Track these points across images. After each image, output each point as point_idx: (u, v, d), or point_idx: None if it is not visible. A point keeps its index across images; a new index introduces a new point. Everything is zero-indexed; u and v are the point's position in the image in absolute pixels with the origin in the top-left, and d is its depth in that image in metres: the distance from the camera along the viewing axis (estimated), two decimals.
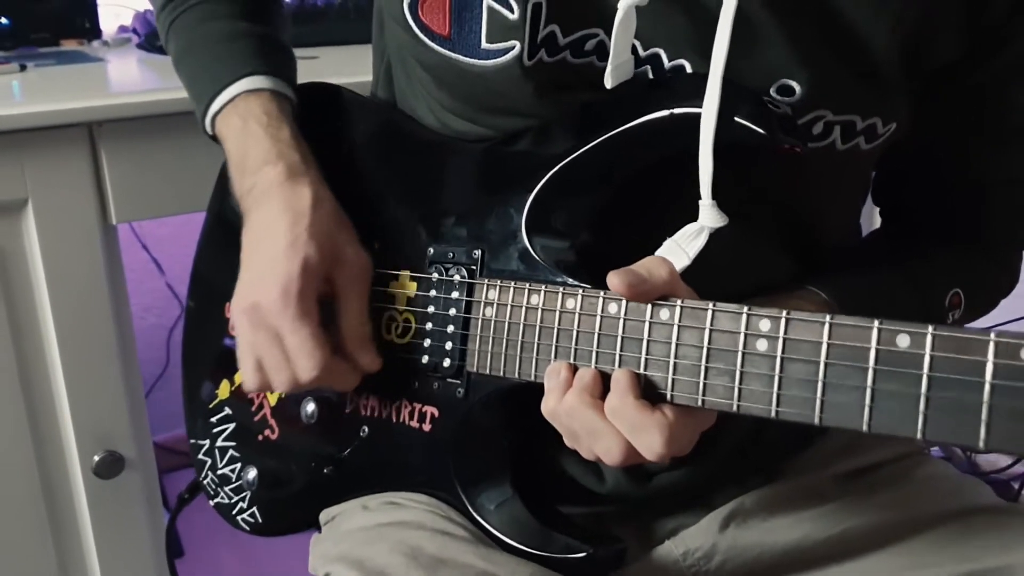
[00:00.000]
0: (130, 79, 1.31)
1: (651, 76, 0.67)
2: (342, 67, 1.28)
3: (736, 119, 0.61)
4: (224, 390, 0.89)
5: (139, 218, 1.18)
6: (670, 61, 0.66)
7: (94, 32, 1.49)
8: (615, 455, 0.59)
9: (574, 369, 0.62)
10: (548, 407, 0.62)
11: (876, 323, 0.53)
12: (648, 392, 0.60)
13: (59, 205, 1.09)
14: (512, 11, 0.65)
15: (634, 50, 0.66)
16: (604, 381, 0.61)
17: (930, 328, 0.52)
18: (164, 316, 1.95)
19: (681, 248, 0.63)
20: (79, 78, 1.25)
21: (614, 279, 0.59)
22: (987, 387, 0.49)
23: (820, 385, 0.55)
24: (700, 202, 0.62)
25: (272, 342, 0.71)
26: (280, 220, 0.73)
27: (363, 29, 0.91)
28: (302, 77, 0.86)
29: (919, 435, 0.52)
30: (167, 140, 1.12)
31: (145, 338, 1.48)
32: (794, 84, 0.63)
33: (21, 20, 1.42)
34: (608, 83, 0.65)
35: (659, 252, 0.63)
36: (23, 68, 1.25)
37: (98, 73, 1.29)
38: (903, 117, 0.68)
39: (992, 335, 0.50)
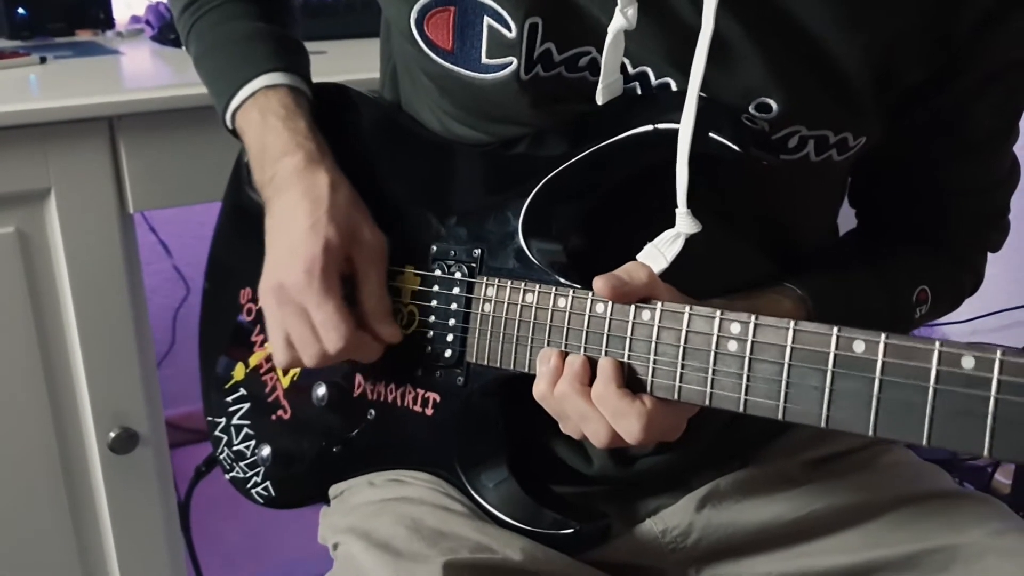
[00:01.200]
0: (146, 73, 1.36)
1: (639, 92, 0.72)
2: (350, 61, 1.32)
3: (711, 135, 0.66)
4: (239, 372, 0.95)
5: (155, 207, 1.23)
6: (657, 79, 0.71)
7: (108, 22, 1.53)
8: (601, 437, 0.65)
9: (563, 356, 0.68)
10: (539, 391, 0.68)
11: (835, 329, 0.59)
12: (631, 382, 0.66)
13: (80, 194, 1.14)
14: (510, 30, 0.70)
15: (624, 68, 0.71)
16: (592, 368, 0.67)
17: (883, 336, 0.58)
18: (171, 297, 2.00)
19: (660, 252, 0.69)
20: (97, 72, 1.29)
21: (599, 283, 0.65)
22: (931, 391, 0.55)
23: (784, 384, 0.61)
24: (677, 210, 0.68)
25: (300, 318, 0.77)
26: (300, 205, 0.78)
27: (370, 23, 0.94)
28: (314, 72, 0.91)
29: (871, 432, 0.58)
30: (183, 133, 1.16)
31: (152, 318, 1.53)
32: (771, 102, 0.68)
33: (38, 10, 1.46)
34: (599, 100, 0.70)
35: (640, 256, 0.69)
36: (43, 60, 1.30)
37: (115, 67, 1.34)
38: (873, 132, 0.73)
39: (937, 344, 0.56)
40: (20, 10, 1.45)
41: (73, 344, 1.18)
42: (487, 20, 0.71)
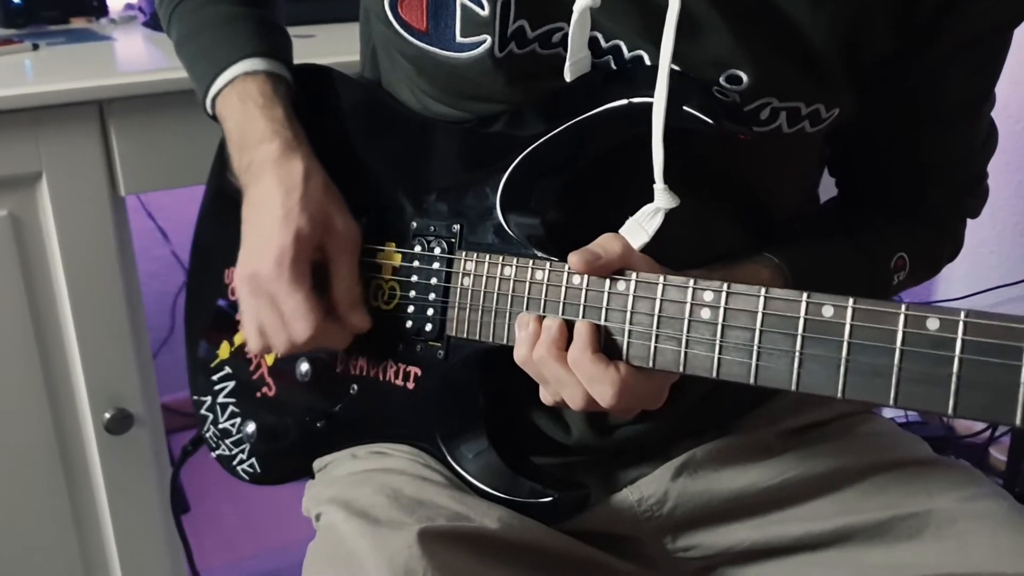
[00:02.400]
0: (137, 58, 1.36)
1: (613, 67, 0.73)
2: (337, 45, 1.32)
3: (684, 108, 0.67)
4: (224, 350, 0.96)
5: (146, 190, 1.25)
6: (629, 52, 0.71)
7: (102, 10, 1.54)
8: (577, 401, 0.67)
9: (541, 320, 0.69)
10: (520, 355, 0.69)
11: (804, 295, 0.60)
12: (607, 349, 0.67)
13: (71, 178, 1.15)
14: (483, 8, 0.71)
15: (597, 43, 0.71)
16: (570, 332, 0.68)
17: (850, 301, 0.58)
18: (169, 282, 2.02)
19: (641, 227, 0.69)
20: (89, 57, 1.30)
21: (573, 258, 0.66)
22: (897, 352, 0.56)
23: (755, 350, 0.62)
24: (654, 186, 0.68)
25: (270, 307, 0.78)
26: (274, 194, 0.79)
27: (357, 7, 0.93)
28: (299, 55, 0.91)
29: (839, 394, 0.59)
30: (172, 117, 1.17)
31: (150, 303, 1.54)
32: (742, 74, 0.69)
33: None
34: (568, 76, 0.71)
35: (621, 231, 0.69)
36: (36, 47, 1.31)
37: (106, 52, 1.34)
38: (845, 103, 0.74)
39: (903, 307, 0.57)
40: None
41: (67, 326, 1.19)
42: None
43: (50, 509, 1.25)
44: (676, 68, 0.67)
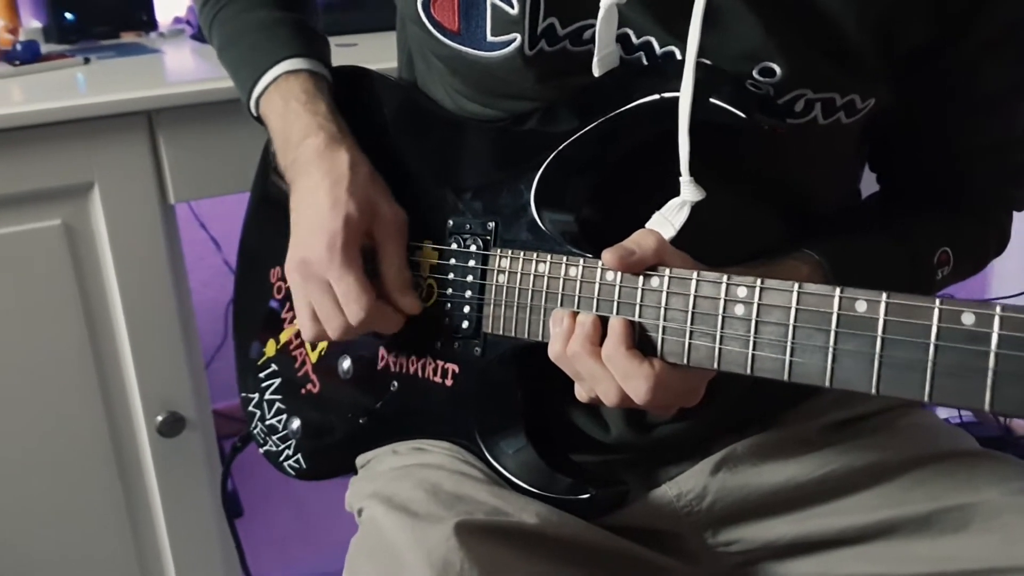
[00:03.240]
0: (184, 69, 1.40)
1: (645, 62, 0.73)
2: (379, 52, 1.34)
3: (712, 100, 0.67)
4: (271, 348, 0.98)
5: (195, 198, 1.27)
6: (661, 48, 0.71)
7: (151, 24, 1.58)
8: (611, 397, 0.66)
9: (575, 317, 0.69)
10: (554, 351, 0.69)
11: (838, 290, 0.60)
12: (642, 345, 0.67)
13: (122, 187, 1.18)
14: (512, 7, 0.71)
15: (628, 39, 0.72)
16: (603, 327, 0.68)
17: (884, 295, 0.58)
18: (222, 291, 2.04)
19: (668, 220, 0.69)
20: (138, 69, 1.34)
21: (607, 255, 0.66)
22: (931, 348, 0.55)
23: (789, 345, 0.61)
24: (680, 178, 0.68)
25: (323, 292, 0.79)
26: (322, 184, 0.80)
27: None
28: (342, 63, 0.93)
29: (873, 390, 0.58)
30: (219, 125, 1.20)
31: (204, 312, 1.57)
32: (774, 66, 0.68)
33: (84, 15, 1.51)
34: (595, 71, 0.71)
35: (648, 225, 0.69)
36: (87, 61, 1.35)
37: (155, 64, 1.38)
38: (881, 93, 0.73)
39: (938, 301, 0.56)
40: (67, 15, 1.50)
41: (120, 331, 1.23)
42: None
43: (105, 512, 1.29)
44: (707, 62, 0.67)
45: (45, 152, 1.13)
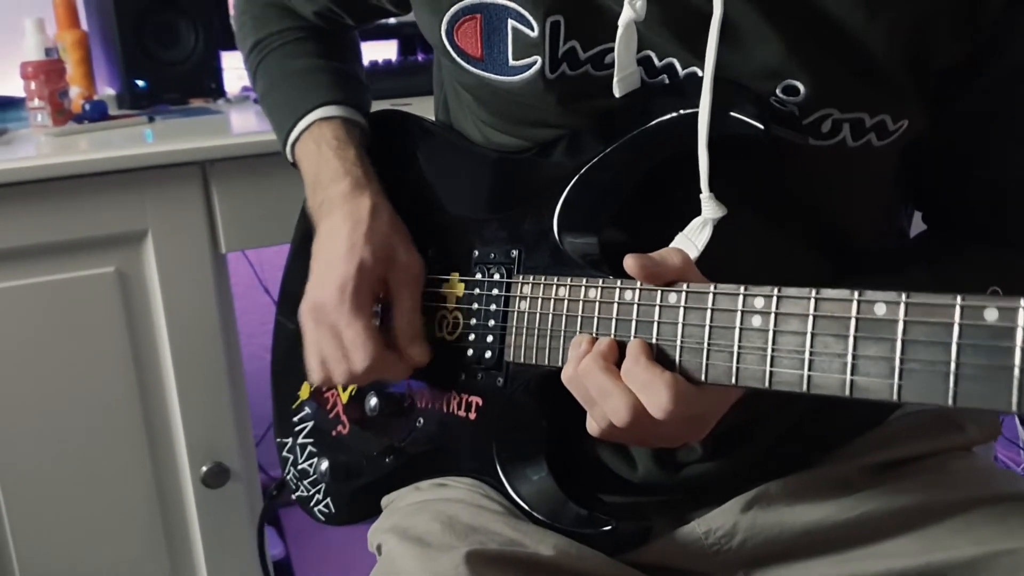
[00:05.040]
0: (241, 123, 1.45)
1: (667, 83, 0.72)
2: (430, 113, 1.37)
3: (731, 113, 0.65)
4: (304, 391, 0.98)
5: (246, 247, 1.30)
6: (684, 69, 0.71)
7: (219, 92, 1.64)
8: (622, 414, 0.62)
9: (594, 341, 0.67)
10: (567, 374, 0.67)
11: (856, 294, 0.57)
12: (660, 363, 0.64)
13: (175, 235, 1.21)
14: (532, 29, 0.72)
15: (650, 61, 0.71)
16: (620, 351, 0.65)
17: (904, 295, 0.55)
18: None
19: (690, 241, 0.68)
20: (198, 126, 1.39)
21: (629, 261, 0.64)
22: (954, 347, 0.52)
23: (807, 354, 0.59)
24: (701, 196, 0.67)
25: (331, 337, 0.80)
26: (342, 227, 0.81)
27: None
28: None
29: (895, 397, 0.55)
30: (271, 176, 1.23)
31: (264, 378, 1.58)
32: (798, 84, 0.67)
33: (155, 82, 1.58)
34: (616, 92, 0.71)
35: (671, 246, 0.68)
36: (152, 120, 1.41)
37: (216, 122, 1.43)
38: (915, 115, 0.70)
39: (959, 298, 0.53)
40: (139, 82, 1.57)
41: (169, 379, 1.24)
42: (511, 23, 0.73)
43: (148, 562, 1.29)
44: (727, 79, 0.66)
45: (101, 200, 1.17)
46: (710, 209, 0.67)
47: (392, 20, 1.73)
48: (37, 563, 1.24)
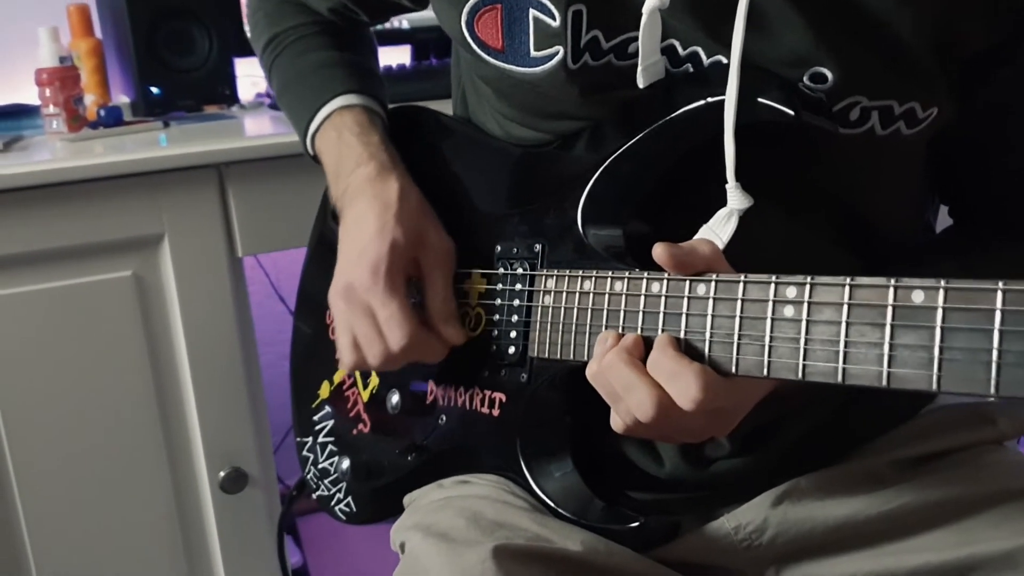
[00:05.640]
0: (255, 128, 1.44)
1: (692, 72, 0.71)
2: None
3: (760, 100, 0.64)
4: (325, 390, 0.97)
5: (262, 251, 1.29)
6: (708, 58, 0.70)
7: (233, 99, 1.64)
8: (647, 407, 0.61)
9: (620, 337, 0.66)
10: (592, 370, 0.66)
11: (892, 281, 0.56)
12: (688, 354, 0.63)
13: (191, 239, 1.21)
14: (554, 19, 0.71)
15: (674, 51, 0.70)
16: (647, 346, 0.64)
17: (943, 282, 0.54)
18: None
19: (715, 233, 0.66)
20: (213, 130, 1.39)
21: (659, 249, 0.62)
22: (996, 334, 0.51)
23: (842, 344, 0.57)
24: (727, 185, 0.66)
25: (365, 317, 0.78)
26: (371, 210, 0.80)
27: None
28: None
29: (934, 386, 0.53)
30: (288, 179, 1.23)
31: (279, 386, 1.56)
32: (825, 71, 0.66)
33: (169, 89, 1.58)
34: (640, 83, 0.70)
35: (695, 238, 0.67)
36: (167, 125, 1.40)
37: (231, 126, 1.43)
38: (944, 103, 0.69)
39: (1001, 283, 0.52)
40: (153, 89, 1.56)
41: (186, 383, 1.24)
42: (532, 12, 0.72)
43: (166, 567, 1.28)
44: (754, 65, 0.65)
45: (118, 204, 1.17)
46: (736, 199, 0.66)
47: (405, 25, 1.73)
48: (55, 569, 1.23)
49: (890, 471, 0.76)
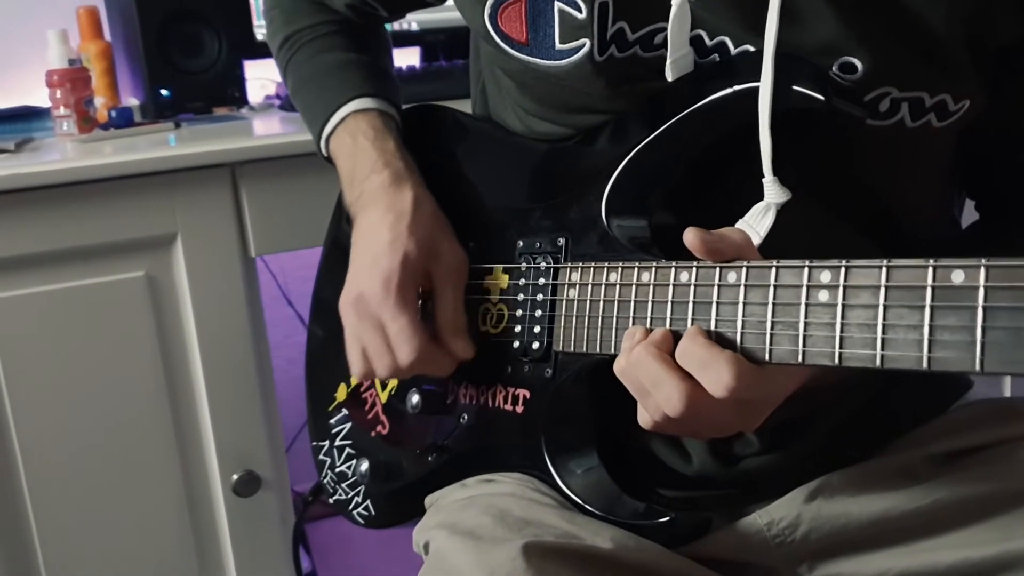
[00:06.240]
0: (268, 128, 1.43)
1: (719, 62, 0.70)
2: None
3: (794, 87, 0.63)
4: (342, 393, 0.96)
5: (275, 251, 1.29)
6: (736, 48, 0.69)
7: (242, 101, 1.63)
8: (675, 402, 0.60)
9: (648, 332, 0.65)
10: (619, 365, 0.64)
11: (931, 261, 0.54)
12: (719, 343, 0.61)
13: (204, 239, 1.20)
14: (580, 11, 0.70)
15: (701, 41, 0.69)
16: (675, 341, 0.63)
17: (983, 260, 0.52)
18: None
19: (752, 228, 0.65)
20: (225, 130, 1.38)
21: (690, 235, 0.61)
22: None
23: (879, 328, 0.56)
24: (764, 179, 0.64)
25: (375, 330, 0.78)
26: (384, 220, 0.79)
27: None
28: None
29: (978, 367, 0.52)
30: (301, 179, 1.22)
31: (288, 391, 1.55)
32: (856, 61, 0.65)
33: (179, 91, 1.57)
34: (669, 76, 0.69)
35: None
36: (178, 125, 1.40)
37: (242, 126, 1.42)
38: (976, 95, 0.68)
39: None
40: (163, 92, 1.56)
41: (199, 384, 1.23)
42: (558, 5, 0.71)
43: (179, 570, 1.27)
44: (783, 52, 0.64)
45: (130, 204, 1.16)
46: (773, 193, 0.64)
47: (415, 27, 1.72)
48: (66, 571, 1.21)
49: (923, 467, 0.75)
